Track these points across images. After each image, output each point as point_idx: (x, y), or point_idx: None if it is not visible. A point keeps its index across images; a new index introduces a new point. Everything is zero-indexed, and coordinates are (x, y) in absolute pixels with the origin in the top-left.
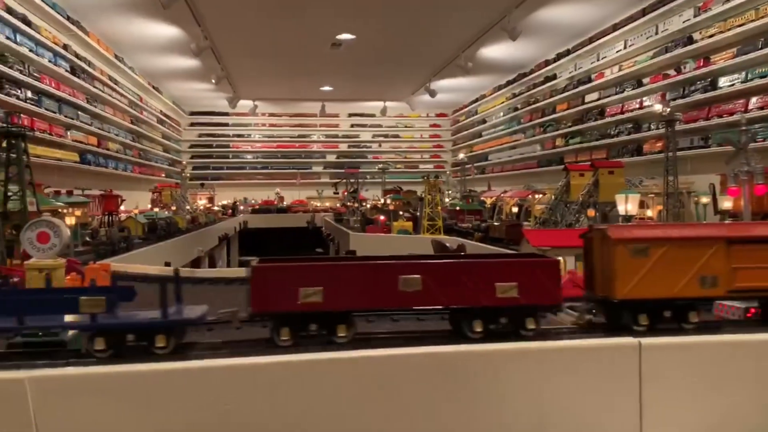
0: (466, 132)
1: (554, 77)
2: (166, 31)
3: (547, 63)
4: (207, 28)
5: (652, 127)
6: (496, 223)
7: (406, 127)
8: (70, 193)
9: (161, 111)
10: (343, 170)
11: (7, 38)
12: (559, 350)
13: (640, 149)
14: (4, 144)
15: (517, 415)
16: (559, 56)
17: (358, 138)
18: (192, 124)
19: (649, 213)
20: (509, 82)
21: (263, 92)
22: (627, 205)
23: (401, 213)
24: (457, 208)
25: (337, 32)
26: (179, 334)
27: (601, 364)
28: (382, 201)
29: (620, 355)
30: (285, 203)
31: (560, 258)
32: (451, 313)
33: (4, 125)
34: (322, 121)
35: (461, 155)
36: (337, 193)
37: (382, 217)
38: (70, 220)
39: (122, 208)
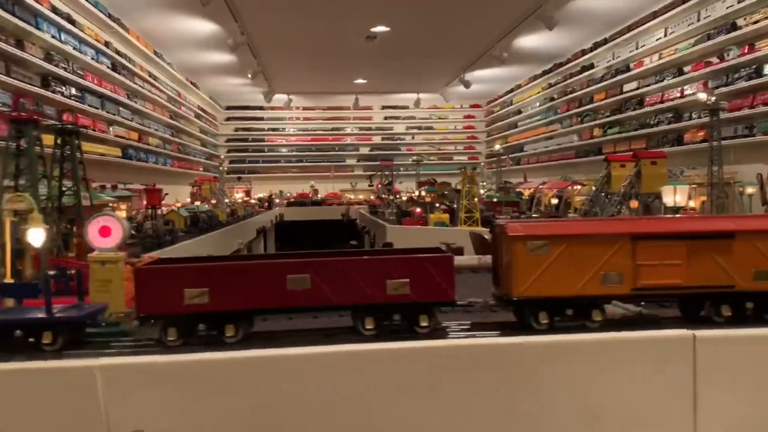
0: (500, 123)
1: (591, 66)
2: (203, 27)
3: (584, 52)
4: (243, 23)
5: (694, 116)
6: (535, 215)
7: (439, 118)
8: (114, 188)
9: (198, 106)
10: (376, 163)
11: (53, 37)
12: (610, 342)
13: (680, 139)
14: (58, 141)
15: (564, 408)
16: (597, 45)
17: (392, 130)
18: (228, 119)
19: (692, 204)
20: (545, 72)
21: (298, 86)
22: (675, 196)
23: (437, 205)
24: (494, 199)
25: (372, 24)
26: (65, 332)
27: (654, 357)
28: (417, 193)
29: (673, 348)
30: (319, 196)
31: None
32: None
33: (58, 123)
34: (355, 114)
35: (497, 146)
36: (372, 186)
37: (418, 210)
38: (120, 215)
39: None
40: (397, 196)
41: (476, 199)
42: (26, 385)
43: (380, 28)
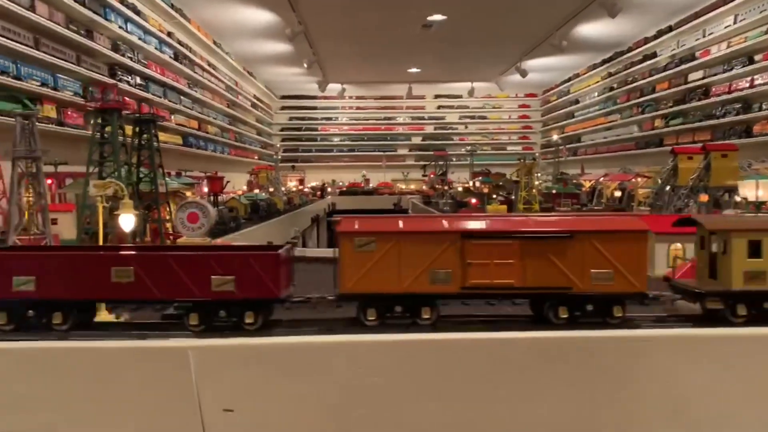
0: (557, 113)
1: (654, 55)
2: (262, 16)
3: (646, 40)
4: (301, 13)
5: (765, 107)
6: (597, 208)
7: (493, 108)
8: (179, 175)
9: (254, 95)
10: (428, 152)
11: (120, 27)
12: (697, 339)
13: (749, 131)
14: (136, 130)
15: (650, 403)
16: (660, 33)
17: (444, 120)
18: (283, 108)
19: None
20: (605, 61)
21: (351, 75)
22: (758, 190)
23: (494, 196)
24: (554, 191)
25: (429, 13)
26: None
27: (742, 354)
28: (471, 183)
29: (762, 346)
30: (371, 185)
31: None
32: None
33: (136, 113)
34: (408, 103)
35: (555, 137)
36: (426, 176)
37: (473, 200)
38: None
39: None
40: (450, 187)
41: (534, 191)
42: (125, 362)
43: (437, 17)
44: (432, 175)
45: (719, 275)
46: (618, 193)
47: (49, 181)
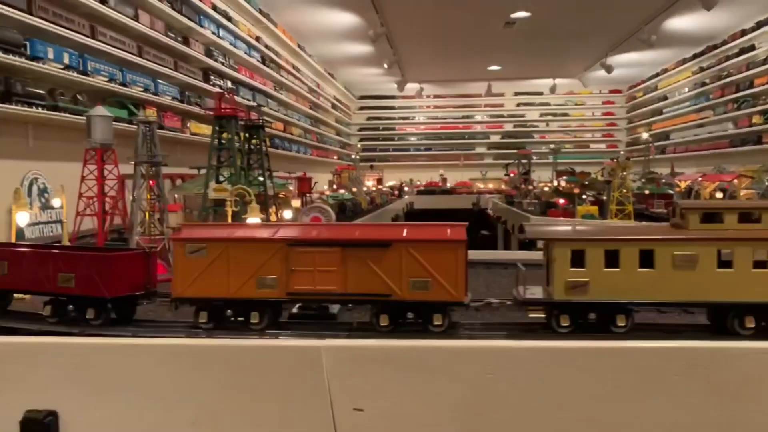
0: (643, 109)
1: (752, 48)
2: (345, 19)
3: (743, 33)
4: (384, 14)
5: None
6: None
7: (576, 105)
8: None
9: (334, 96)
10: (507, 151)
11: (213, 33)
12: None
13: None
14: (246, 135)
15: None
16: (759, 24)
17: (524, 117)
18: (361, 108)
19: None
20: (696, 55)
21: (430, 74)
22: None
23: (584, 196)
24: (646, 191)
25: (512, 10)
26: None
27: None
28: (556, 183)
29: None
30: (449, 184)
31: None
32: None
33: (246, 120)
34: (486, 101)
35: (644, 134)
36: (507, 175)
37: (561, 201)
38: (294, 202)
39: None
40: (534, 186)
41: (629, 192)
42: (259, 360)
43: (520, 14)
44: (513, 174)
45: (548, 284)
46: (719, 194)
47: (151, 182)
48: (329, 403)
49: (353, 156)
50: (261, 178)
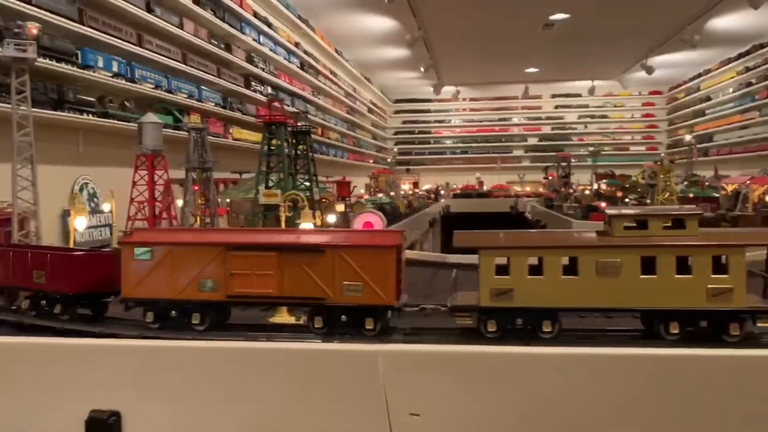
0: (685, 110)
1: None
2: (382, 23)
3: None
4: (422, 18)
5: None
6: (751, 213)
7: (615, 106)
8: None
9: (370, 100)
10: (545, 153)
11: (254, 40)
12: None
13: None
14: (293, 141)
15: None
16: None
17: (562, 119)
18: (396, 112)
19: None
20: (741, 55)
21: (466, 77)
22: None
23: (627, 200)
24: (690, 195)
25: (551, 12)
26: None
27: None
28: (596, 186)
29: None
30: (485, 188)
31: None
32: None
33: (293, 126)
34: (524, 104)
35: (687, 136)
36: (546, 178)
37: (603, 204)
38: (338, 207)
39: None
40: (573, 189)
41: (674, 195)
42: (317, 363)
43: (559, 16)
44: (551, 177)
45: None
46: None
47: (195, 187)
48: (385, 407)
49: (389, 159)
50: (307, 183)
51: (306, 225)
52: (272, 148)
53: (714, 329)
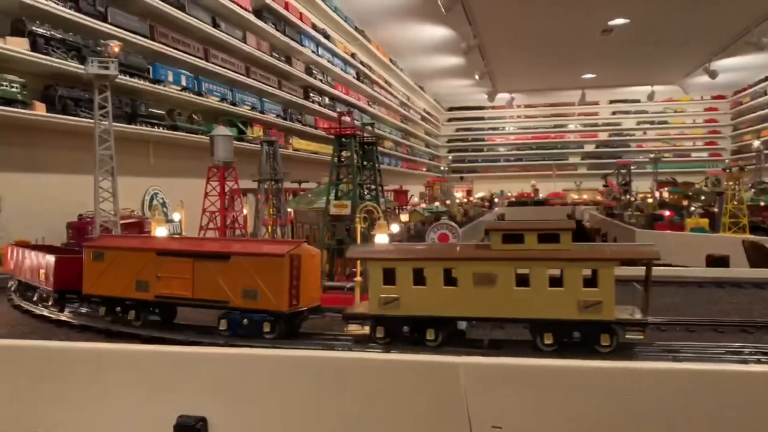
0: (750, 115)
1: None
2: (437, 32)
3: None
4: (477, 26)
5: None
6: None
7: (675, 112)
8: None
9: (424, 108)
10: (602, 160)
11: (312, 52)
12: None
13: None
14: (359, 152)
15: None
16: None
17: (620, 126)
18: (449, 120)
19: None
20: None
21: (521, 84)
22: None
23: (693, 208)
24: (761, 203)
25: (610, 17)
26: None
27: None
28: (657, 194)
29: None
30: (540, 195)
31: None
32: None
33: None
34: (580, 110)
35: (756, 142)
36: (606, 185)
37: (667, 213)
38: (405, 217)
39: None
40: (634, 197)
41: (740, 203)
42: (395, 375)
43: (618, 21)
44: (610, 185)
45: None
46: None
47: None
48: (467, 419)
49: (442, 168)
50: (373, 194)
51: (381, 237)
52: (342, 159)
53: (586, 340)
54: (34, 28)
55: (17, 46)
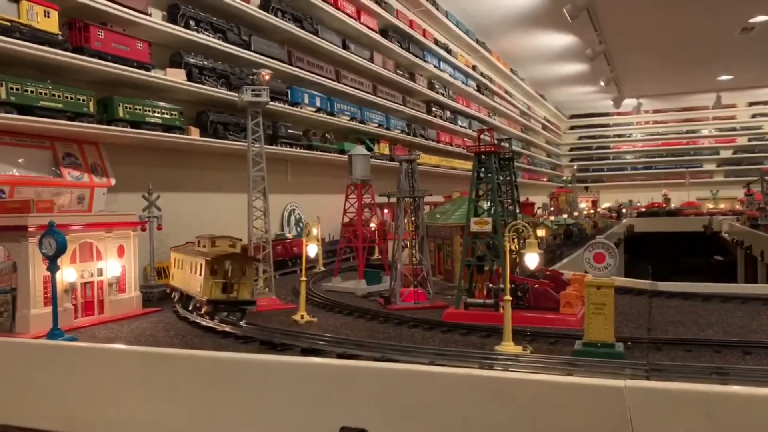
0: None
1: None
2: (559, 40)
3: None
4: (603, 32)
5: None
6: None
7: None
8: None
9: (545, 117)
10: (741, 167)
11: (435, 67)
12: None
13: None
14: (497, 168)
15: None
16: None
17: (761, 129)
18: (571, 128)
19: None
20: None
21: (649, 89)
22: None
23: None
24: None
25: (751, 15)
26: None
27: None
28: None
29: None
30: (673, 205)
31: None
32: None
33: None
34: (715, 114)
35: None
36: (749, 194)
37: None
38: (541, 232)
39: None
40: None
41: None
42: (556, 397)
43: (760, 18)
44: (751, 193)
45: None
46: None
47: (383, 211)
48: None
49: (564, 177)
50: (510, 209)
51: (531, 256)
52: (482, 176)
53: None
54: (189, 59)
55: (177, 77)
